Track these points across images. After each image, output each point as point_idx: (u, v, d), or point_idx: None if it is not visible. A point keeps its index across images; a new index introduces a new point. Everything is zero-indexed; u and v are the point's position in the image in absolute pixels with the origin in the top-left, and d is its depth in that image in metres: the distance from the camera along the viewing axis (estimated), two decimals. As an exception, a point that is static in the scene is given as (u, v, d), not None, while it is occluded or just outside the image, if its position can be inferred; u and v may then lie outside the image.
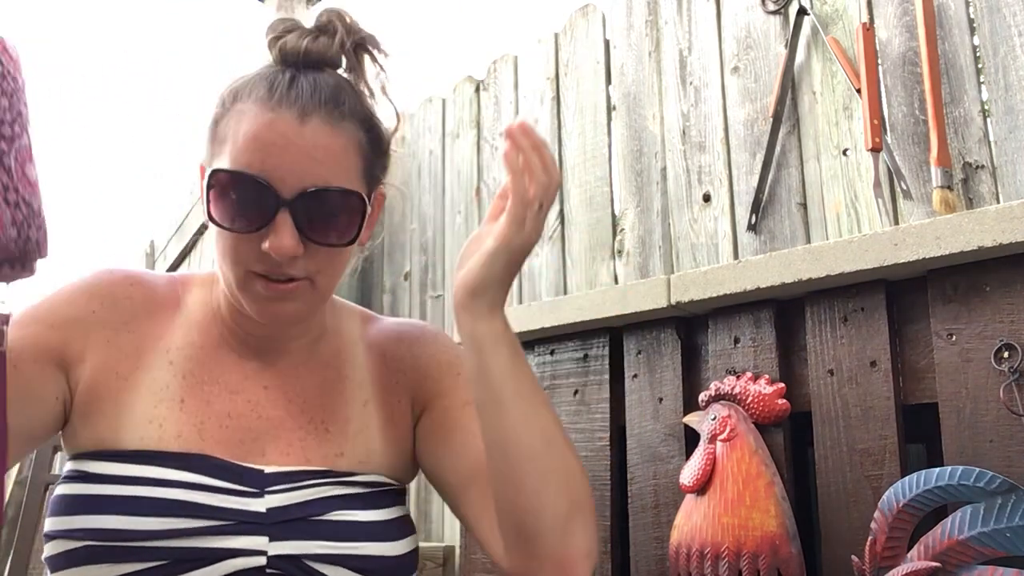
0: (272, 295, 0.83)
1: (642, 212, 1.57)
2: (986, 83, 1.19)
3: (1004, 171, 1.15)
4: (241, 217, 0.82)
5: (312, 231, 0.82)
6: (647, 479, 1.28)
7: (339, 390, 0.94)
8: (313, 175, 0.82)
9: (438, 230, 2.00)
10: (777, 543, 1.06)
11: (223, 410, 0.87)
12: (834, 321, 1.14)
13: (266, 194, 0.81)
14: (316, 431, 0.90)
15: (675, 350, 1.29)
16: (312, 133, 0.83)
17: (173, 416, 0.84)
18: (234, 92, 0.86)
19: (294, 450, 0.88)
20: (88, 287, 0.88)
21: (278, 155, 0.81)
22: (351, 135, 0.86)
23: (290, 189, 0.81)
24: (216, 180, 0.83)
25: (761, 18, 1.45)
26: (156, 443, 0.82)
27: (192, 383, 0.87)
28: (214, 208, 0.83)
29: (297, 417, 0.90)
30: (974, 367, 1.00)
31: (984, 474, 0.91)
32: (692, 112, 1.52)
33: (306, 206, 0.81)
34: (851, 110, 1.32)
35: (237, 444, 0.86)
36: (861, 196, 1.29)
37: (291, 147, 0.81)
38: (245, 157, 0.82)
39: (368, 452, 0.92)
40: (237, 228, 0.82)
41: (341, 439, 0.91)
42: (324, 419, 0.91)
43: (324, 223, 0.83)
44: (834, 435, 1.11)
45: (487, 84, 1.94)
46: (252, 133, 0.82)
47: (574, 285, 1.66)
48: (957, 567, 0.91)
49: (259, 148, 0.82)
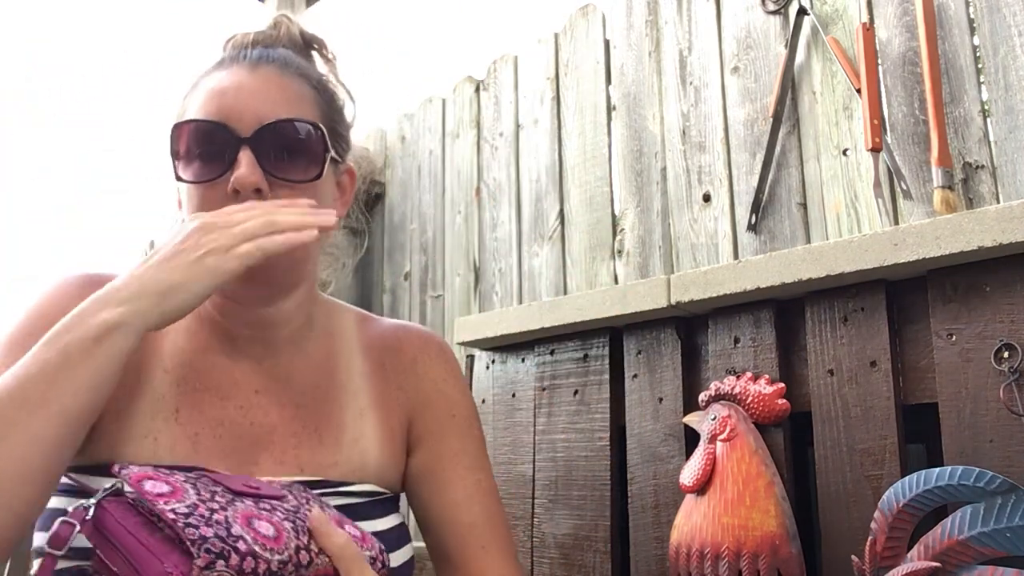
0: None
1: (642, 212, 1.57)
2: (986, 83, 1.19)
3: (1004, 171, 1.15)
4: (205, 165, 0.82)
5: (274, 166, 0.82)
6: (647, 479, 1.28)
7: (333, 396, 0.92)
8: (269, 112, 0.83)
9: (438, 230, 2.01)
10: (777, 543, 1.06)
11: (215, 418, 0.85)
12: (834, 321, 1.14)
13: (224, 135, 0.82)
14: (309, 439, 0.88)
15: (675, 350, 1.29)
16: (264, 78, 0.85)
17: (168, 428, 0.83)
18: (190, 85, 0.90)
19: (288, 459, 0.86)
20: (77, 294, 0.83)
21: (232, 97, 0.83)
22: (304, 87, 0.88)
23: (248, 127, 0.82)
24: (177, 135, 0.84)
25: (761, 18, 1.45)
26: (150, 457, 0.81)
27: (185, 390, 0.85)
28: (181, 168, 0.84)
29: (290, 423, 0.88)
30: (974, 367, 1.00)
31: (984, 474, 0.91)
32: (692, 112, 1.52)
33: (266, 140, 0.82)
34: (851, 110, 1.32)
35: (230, 453, 0.84)
36: (861, 196, 1.29)
37: (244, 89, 0.84)
38: (202, 109, 0.84)
39: (362, 462, 0.90)
40: (204, 177, 0.82)
41: (335, 448, 0.89)
42: (318, 426, 0.89)
43: (286, 157, 0.83)
44: (834, 435, 1.11)
45: (487, 84, 1.94)
46: (206, 89, 0.85)
47: (574, 285, 1.66)
48: (957, 567, 0.91)
49: (213, 97, 0.84)
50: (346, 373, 0.95)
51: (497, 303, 1.80)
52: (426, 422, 0.97)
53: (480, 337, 1.51)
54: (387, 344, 1.00)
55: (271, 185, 0.82)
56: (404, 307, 2.07)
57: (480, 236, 1.89)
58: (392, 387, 0.97)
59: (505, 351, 1.54)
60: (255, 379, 0.89)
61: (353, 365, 0.96)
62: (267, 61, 0.87)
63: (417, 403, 0.98)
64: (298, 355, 0.92)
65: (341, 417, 0.91)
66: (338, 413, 0.91)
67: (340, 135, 0.92)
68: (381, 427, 0.94)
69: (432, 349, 1.02)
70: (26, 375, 0.70)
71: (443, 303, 1.95)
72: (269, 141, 0.82)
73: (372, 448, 0.92)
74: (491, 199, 1.88)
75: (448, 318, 1.92)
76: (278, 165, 0.83)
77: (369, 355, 0.98)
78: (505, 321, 1.47)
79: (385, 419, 0.95)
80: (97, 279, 0.87)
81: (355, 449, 0.90)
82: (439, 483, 0.95)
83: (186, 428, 0.83)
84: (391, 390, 0.97)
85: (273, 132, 0.82)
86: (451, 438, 0.98)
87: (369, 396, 0.95)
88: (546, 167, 1.76)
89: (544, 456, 1.42)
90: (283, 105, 0.84)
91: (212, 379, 0.87)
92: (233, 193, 0.81)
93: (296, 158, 0.84)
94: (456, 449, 0.97)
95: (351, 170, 0.96)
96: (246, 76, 0.85)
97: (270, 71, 0.86)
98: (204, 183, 0.82)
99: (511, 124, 1.86)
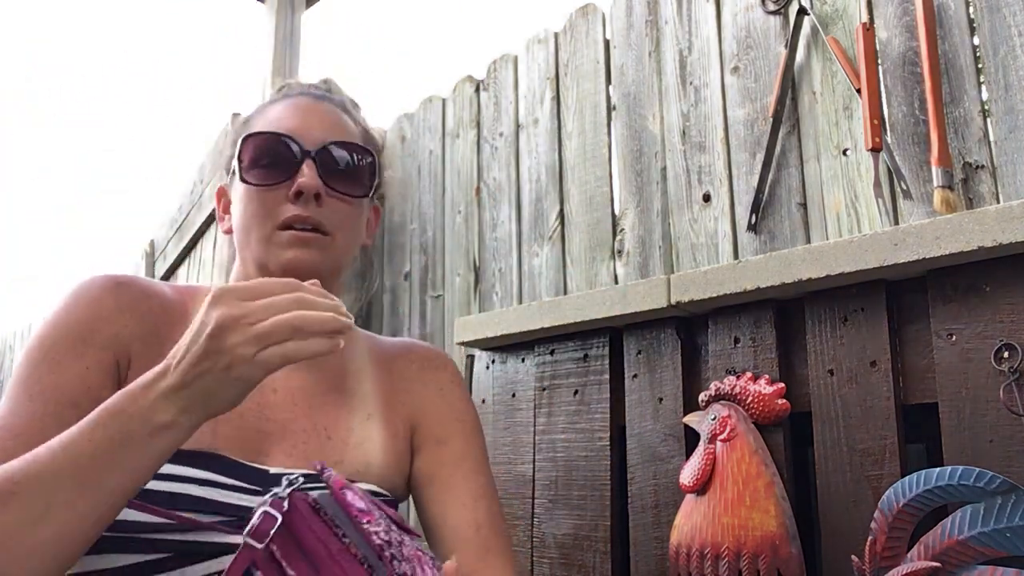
0: (297, 242, 0.92)
1: (642, 212, 1.57)
2: (986, 83, 1.19)
3: (1004, 171, 1.15)
4: (271, 170, 0.95)
5: (332, 180, 0.96)
6: (647, 479, 1.28)
7: (343, 402, 0.97)
8: (331, 135, 0.98)
9: (438, 230, 2.00)
10: (777, 543, 1.06)
11: (235, 412, 0.86)
12: (834, 321, 1.14)
13: (292, 146, 0.95)
14: (318, 437, 0.93)
15: (675, 350, 1.29)
16: (328, 109, 1.01)
17: None
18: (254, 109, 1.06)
19: (297, 451, 0.90)
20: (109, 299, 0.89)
21: (300, 118, 0.98)
22: (358, 128, 1.03)
23: (313, 143, 0.96)
24: (248, 144, 0.96)
25: (761, 18, 1.45)
26: None
27: None
28: (247, 172, 0.96)
29: (301, 421, 0.93)
30: (974, 367, 1.00)
31: (984, 474, 0.91)
32: (692, 112, 1.52)
33: (327, 157, 0.96)
34: (851, 110, 1.32)
35: (245, 441, 0.88)
36: (861, 196, 1.29)
37: (311, 113, 0.99)
38: (272, 126, 0.97)
39: (366, 464, 0.94)
40: (268, 181, 0.94)
41: (341, 447, 0.93)
42: (327, 426, 0.94)
43: (342, 174, 0.97)
44: (834, 435, 1.11)
45: (487, 84, 1.94)
46: (276, 109, 1.00)
47: (574, 285, 1.66)
48: (957, 567, 0.91)
49: (283, 116, 0.98)
50: (356, 381, 1.00)
51: (497, 303, 1.80)
52: (431, 426, 1.02)
53: (480, 337, 1.51)
54: (395, 355, 1.08)
55: (326, 196, 0.95)
56: (404, 307, 2.06)
57: (480, 236, 1.89)
58: (399, 392, 1.03)
59: (505, 351, 1.54)
60: (273, 382, 0.93)
61: (363, 375, 1.02)
62: (329, 99, 1.03)
63: (422, 408, 1.03)
64: (314, 367, 0.97)
65: (349, 421, 0.96)
66: (347, 417, 0.96)
67: (379, 174, 1.05)
68: (386, 431, 0.98)
69: (438, 361, 1.10)
70: (78, 453, 0.70)
71: (443, 303, 1.95)
72: (329, 158, 0.96)
73: (376, 451, 0.96)
74: (491, 199, 1.88)
75: (448, 318, 1.92)
76: (335, 178, 0.96)
77: (378, 365, 1.04)
78: (505, 321, 1.47)
79: (390, 423, 0.99)
80: (123, 282, 0.91)
81: (360, 450, 0.95)
82: (443, 486, 0.99)
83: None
84: (397, 395, 1.02)
85: (335, 152, 0.97)
86: (455, 442, 1.02)
87: (376, 402, 1.00)
88: (546, 167, 1.76)
89: (544, 456, 1.42)
90: (342, 133, 0.99)
91: None
92: (295, 196, 0.93)
93: (349, 176, 0.98)
94: (460, 453, 1.01)
95: (377, 209, 1.10)
96: (313, 104, 1.00)
97: (332, 106, 1.02)
98: (267, 186, 0.94)
99: (511, 124, 1.86)
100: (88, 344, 0.85)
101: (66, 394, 0.81)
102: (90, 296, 0.88)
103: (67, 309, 0.87)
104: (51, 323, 0.86)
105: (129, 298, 0.90)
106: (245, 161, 0.96)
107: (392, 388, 1.03)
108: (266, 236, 0.93)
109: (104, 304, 0.88)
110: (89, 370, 0.84)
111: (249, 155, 0.96)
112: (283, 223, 0.93)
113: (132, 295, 0.90)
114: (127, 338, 0.87)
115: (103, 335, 0.86)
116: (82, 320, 0.86)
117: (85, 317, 0.86)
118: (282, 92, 1.06)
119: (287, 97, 1.03)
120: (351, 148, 0.99)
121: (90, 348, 0.85)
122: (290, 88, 1.06)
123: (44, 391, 0.81)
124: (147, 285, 0.93)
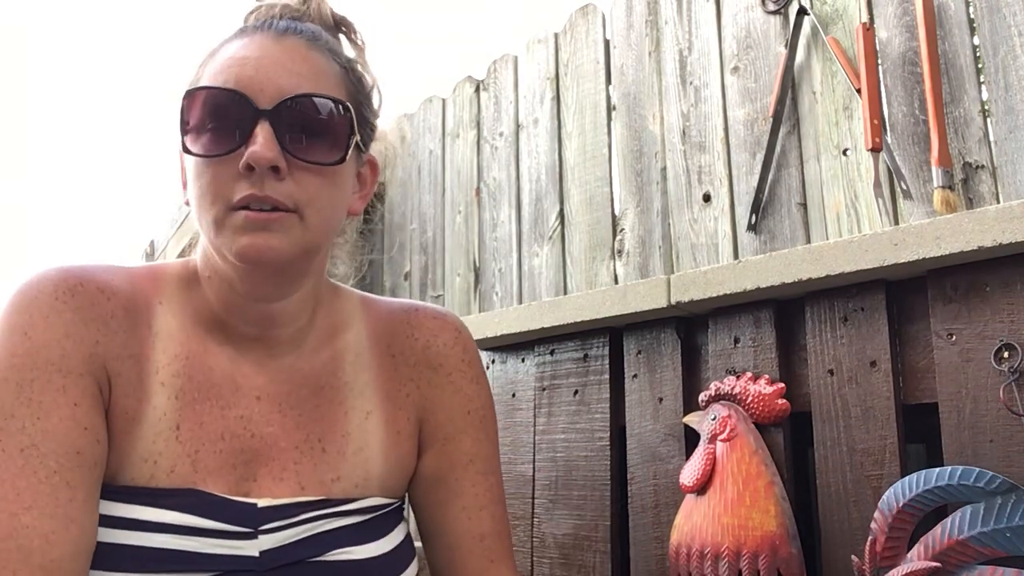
0: (253, 225, 0.73)
1: (642, 212, 1.57)
2: (986, 83, 1.19)
3: (1004, 171, 1.15)
4: (217, 137, 0.74)
5: (294, 146, 0.74)
6: (647, 479, 1.28)
7: (338, 400, 0.86)
8: (292, 84, 0.75)
9: (438, 230, 2.01)
10: (777, 543, 1.06)
11: (216, 431, 0.79)
12: (834, 321, 1.14)
13: (241, 105, 0.74)
14: (312, 451, 0.83)
15: (675, 350, 1.29)
16: (290, 49, 0.77)
17: (169, 449, 0.77)
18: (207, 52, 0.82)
19: (288, 475, 0.81)
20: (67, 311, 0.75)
21: (253, 66, 0.75)
22: (332, 64, 0.81)
23: (268, 99, 0.74)
24: (189, 104, 0.76)
25: (761, 18, 1.45)
26: (148, 480, 0.76)
27: (184, 403, 0.79)
28: (189, 139, 0.75)
29: (292, 434, 0.83)
30: (974, 367, 1.00)
31: (984, 474, 0.91)
32: (692, 112, 1.52)
33: (287, 116, 0.74)
34: (851, 110, 1.32)
35: (230, 470, 0.79)
36: (861, 196, 1.29)
37: (267, 59, 0.76)
38: (220, 77, 0.75)
39: (366, 474, 0.85)
40: (215, 151, 0.74)
41: (338, 460, 0.84)
42: (321, 436, 0.84)
43: (308, 136, 0.75)
44: (834, 435, 1.11)
45: (487, 84, 1.94)
46: (225, 57, 0.77)
47: (574, 285, 1.66)
48: (957, 567, 0.91)
49: (231, 65, 0.76)
50: (352, 371, 0.88)
51: (497, 303, 1.80)
52: (439, 422, 0.92)
53: (480, 337, 1.51)
54: (397, 329, 0.92)
55: (289, 166, 0.74)
56: (404, 307, 2.07)
57: (480, 236, 1.89)
58: (403, 380, 0.91)
59: (505, 351, 1.54)
60: (257, 383, 0.83)
61: (360, 360, 0.89)
62: (294, 33, 0.79)
63: (429, 400, 0.92)
64: (301, 357, 0.86)
65: (346, 424, 0.86)
66: (342, 419, 0.86)
67: (366, 121, 0.84)
68: (387, 430, 0.88)
69: (447, 334, 0.94)
70: None
71: (443, 303, 1.95)
72: (290, 116, 0.74)
73: (376, 456, 0.87)
74: (491, 199, 1.88)
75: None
76: (298, 144, 0.75)
77: (377, 345, 0.91)
78: (505, 321, 1.47)
79: (392, 420, 0.89)
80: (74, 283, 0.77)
81: (359, 459, 0.85)
82: (450, 491, 0.91)
83: (186, 446, 0.78)
84: (401, 384, 0.91)
85: (295, 107, 0.75)
86: (465, 440, 0.92)
87: (376, 395, 0.89)
88: (546, 167, 1.76)
89: (544, 456, 1.42)
90: (309, 79, 0.76)
91: (212, 387, 0.81)
92: (246, 170, 0.72)
93: (318, 138, 0.76)
94: (470, 453, 0.92)
95: (373, 162, 0.89)
96: (270, 45, 0.77)
97: (297, 43, 0.78)
98: (214, 157, 0.74)
99: (511, 124, 1.86)
100: (65, 373, 0.73)
101: (63, 444, 0.71)
102: (44, 309, 0.74)
103: (22, 330, 0.73)
104: (8, 351, 0.72)
105: (89, 304, 0.76)
106: (189, 126, 0.75)
107: (395, 373, 0.90)
108: (217, 219, 0.74)
109: (64, 318, 0.74)
110: (78, 407, 0.73)
111: (192, 117, 0.75)
112: (236, 203, 0.73)
113: (90, 299, 0.77)
114: (101, 356, 0.76)
115: (75, 359, 0.74)
116: (48, 343, 0.73)
117: (49, 339, 0.73)
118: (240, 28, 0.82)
119: (241, 35, 0.79)
120: (320, 100, 0.76)
121: (69, 378, 0.73)
122: (249, 22, 0.83)
123: (36, 443, 0.70)
124: (102, 282, 0.79)
